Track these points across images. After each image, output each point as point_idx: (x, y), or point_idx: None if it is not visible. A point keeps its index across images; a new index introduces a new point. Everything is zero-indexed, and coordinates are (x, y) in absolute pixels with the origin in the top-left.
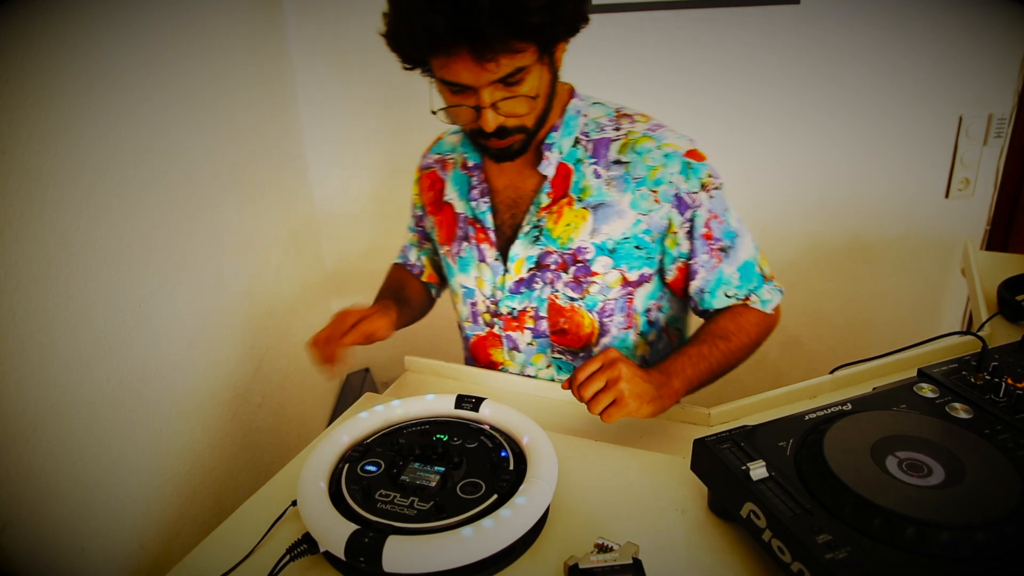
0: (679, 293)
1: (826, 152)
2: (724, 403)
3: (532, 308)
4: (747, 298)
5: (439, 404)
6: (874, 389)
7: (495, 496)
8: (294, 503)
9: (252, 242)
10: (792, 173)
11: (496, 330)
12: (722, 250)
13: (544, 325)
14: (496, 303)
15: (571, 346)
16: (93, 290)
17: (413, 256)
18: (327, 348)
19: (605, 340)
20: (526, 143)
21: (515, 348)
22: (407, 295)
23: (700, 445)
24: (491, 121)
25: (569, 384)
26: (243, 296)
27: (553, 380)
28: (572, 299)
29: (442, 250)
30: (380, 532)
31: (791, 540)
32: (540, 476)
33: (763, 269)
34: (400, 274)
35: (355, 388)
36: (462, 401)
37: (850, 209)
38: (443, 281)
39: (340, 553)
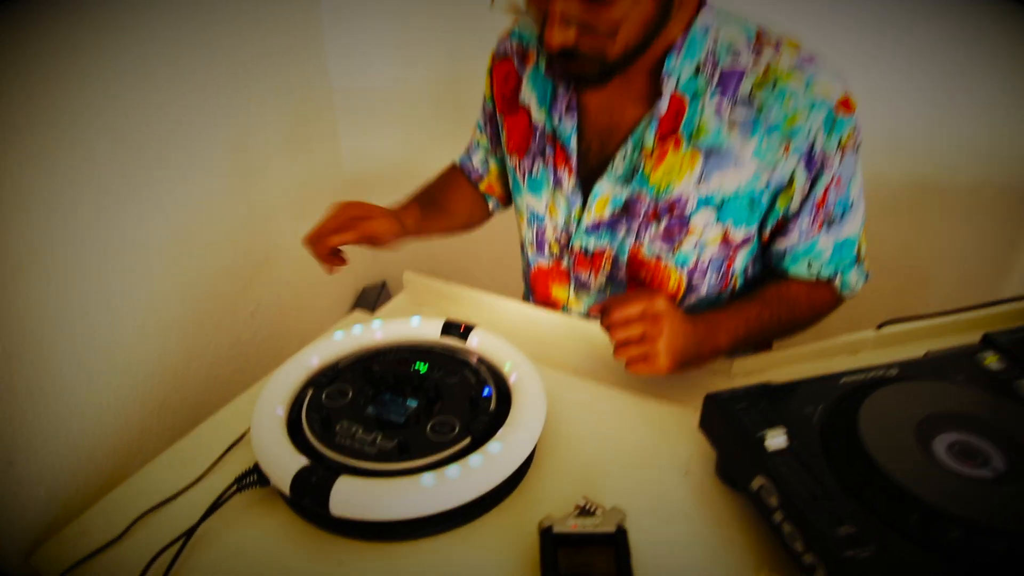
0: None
1: (899, 79)
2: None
3: (610, 252)
4: (831, 277)
5: (424, 329)
6: (927, 354)
7: (468, 439)
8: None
9: (252, 135)
10: (859, 101)
11: (564, 265)
12: (828, 221)
13: (622, 274)
14: (568, 236)
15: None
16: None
17: (477, 159)
18: (318, 245)
19: (692, 300)
20: (606, 72)
21: (584, 288)
22: (446, 200)
23: (711, 402)
24: (555, 36)
25: (600, 312)
26: (238, 197)
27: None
28: (659, 254)
29: (510, 160)
30: (331, 470)
31: (806, 527)
32: (521, 421)
33: (860, 248)
34: (451, 176)
35: (369, 303)
36: (450, 328)
37: (921, 147)
38: (508, 197)
39: (285, 489)
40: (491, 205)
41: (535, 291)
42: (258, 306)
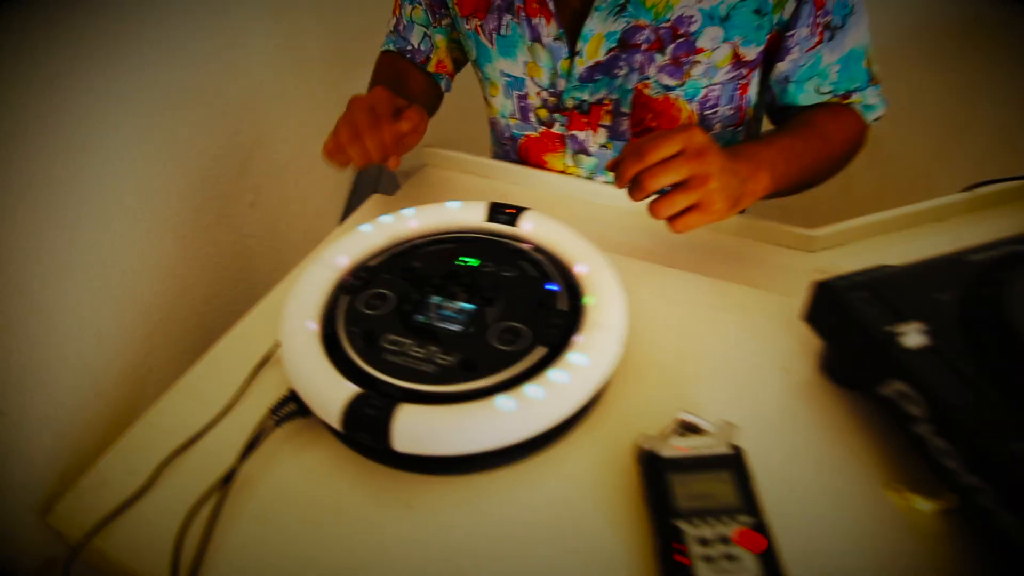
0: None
1: None
2: (823, 223)
3: (611, 101)
4: (846, 96)
5: (465, 214)
6: None
7: (542, 349)
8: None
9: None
10: None
11: (557, 129)
12: (828, 28)
13: (625, 124)
14: (558, 95)
15: None
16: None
17: (415, 38)
18: (339, 156)
19: None
20: None
21: (583, 151)
22: (409, 92)
23: (824, 291)
24: None
25: (618, 166)
26: (220, 73)
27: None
28: (668, 87)
29: (467, 25)
30: (388, 398)
31: (966, 443)
32: (601, 322)
33: (872, 66)
34: (395, 65)
35: (371, 181)
36: (497, 211)
37: None
38: (458, 69)
39: (335, 423)
40: (443, 86)
41: (526, 165)
42: (257, 194)
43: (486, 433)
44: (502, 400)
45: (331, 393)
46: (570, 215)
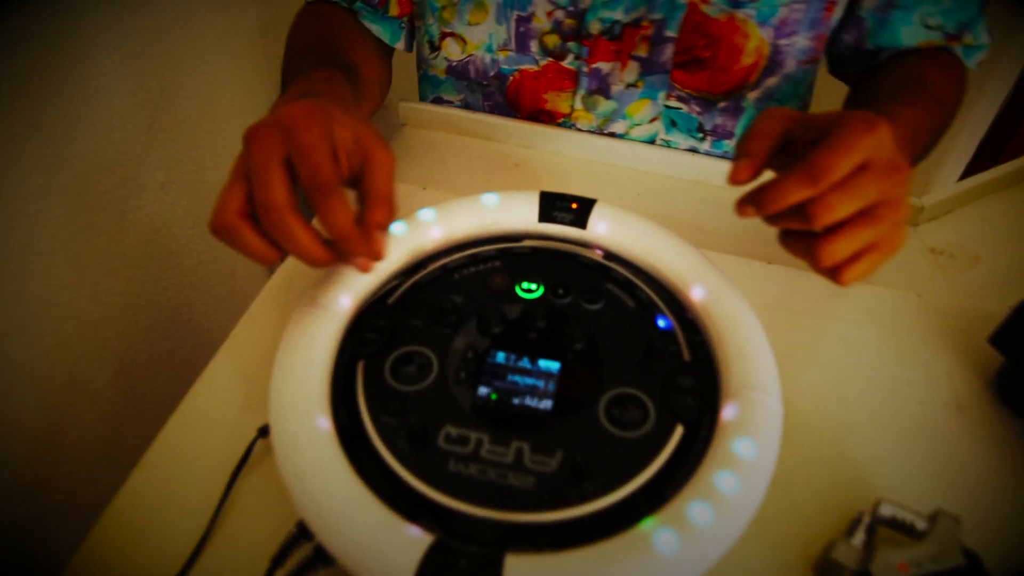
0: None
1: None
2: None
3: (652, 23)
4: (956, 36)
5: (507, 213)
6: None
7: (678, 428)
8: (263, 433)
9: None
10: None
11: (570, 62)
12: None
13: (667, 53)
14: (579, 15)
15: (710, 89)
16: None
17: None
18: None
19: (772, 82)
20: None
21: (601, 91)
22: (354, 59)
23: None
24: None
25: (754, 197)
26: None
27: (670, 146)
28: (735, 4)
29: None
30: (477, 543)
31: None
32: (755, 380)
33: None
34: (327, 33)
35: None
36: (553, 206)
37: None
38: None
39: None
40: (402, 44)
41: (516, 109)
42: (168, 172)
43: None
44: (662, 535)
45: (384, 547)
46: (639, 203)
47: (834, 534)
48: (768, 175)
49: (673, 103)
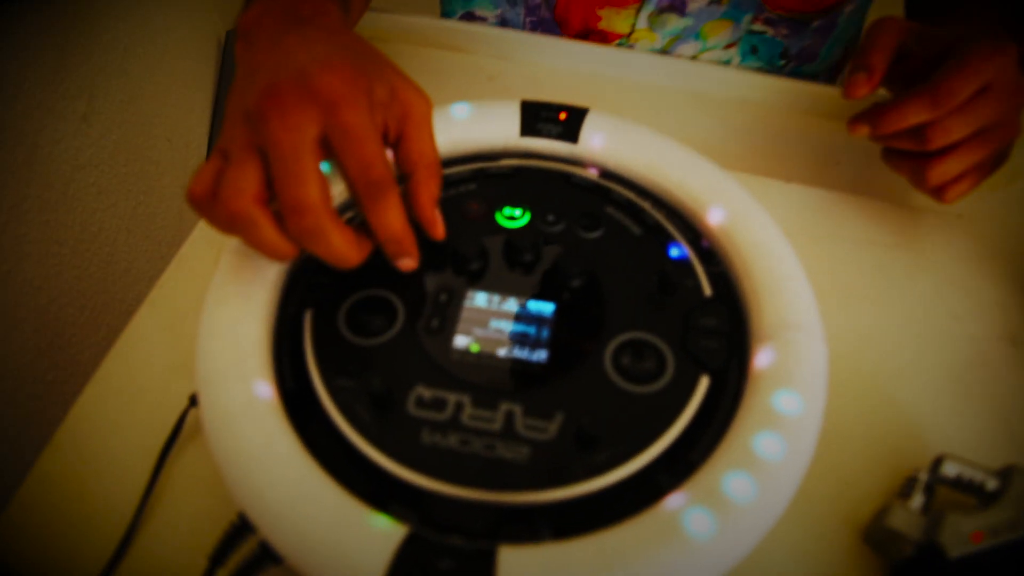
0: None
1: None
2: None
3: None
4: None
5: (482, 126)
6: None
7: (703, 378)
8: (196, 401)
9: None
10: None
11: None
12: None
13: None
14: None
15: (806, 7)
16: None
17: None
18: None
19: None
20: None
21: (675, 7)
22: None
23: None
24: None
25: (870, 116)
26: None
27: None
28: None
29: None
30: (464, 535)
31: None
32: (793, 318)
33: None
34: None
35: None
36: (537, 116)
37: None
38: None
39: None
40: None
41: (565, 26)
42: (92, 100)
43: None
44: (694, 514)
45: (345, 542)
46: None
47: (885, 497)
48: None
49: (758, 27)
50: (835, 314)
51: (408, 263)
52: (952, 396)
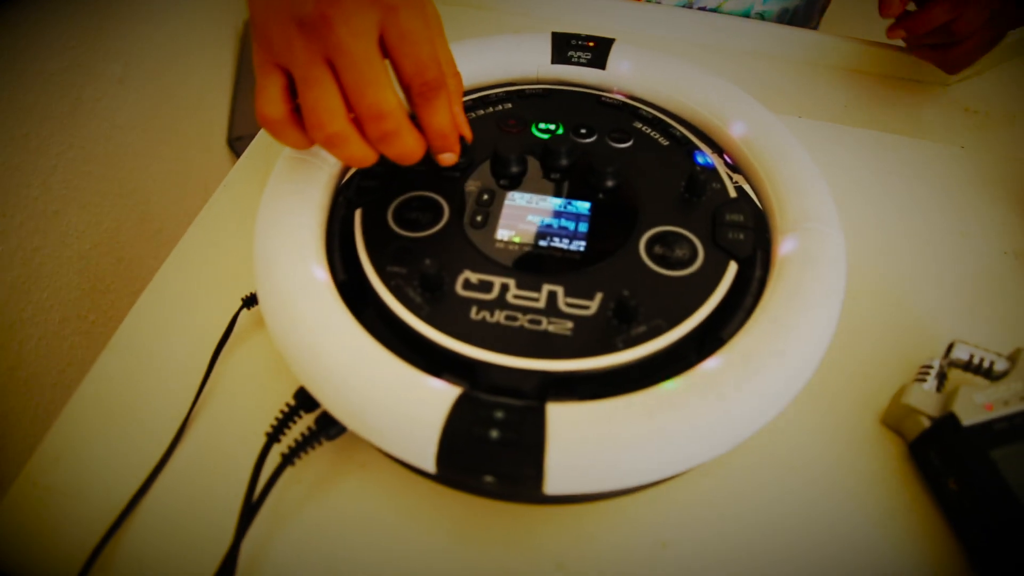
0: None
1: None
2: None
3: None
4: None
5: (515, 55)
6: None
7: (731, 264)
8: (248, 303)
9: None
10: None
11: None
12: None
13: None
14: None
15: None
16: None
17: None
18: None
19: None
20: None
21: None
22: None
23: None
24: None
25: (904, 23)
26: None
27: (764, 17)
28: None
29: None
30: (514, 394)
31: None
32: (813, 210)
33: None
34: None
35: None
36: (567, 46)
37: None
38: None
39: (430, 463)
40: None
41: None
42: (127, 65)
43: (707, 435)
44: (723, 379)
45: (404, 403)
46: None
47: (901, 385)
48: None
49: None
50: (851, 233)
51: (450, 158)
52: (962, 302)
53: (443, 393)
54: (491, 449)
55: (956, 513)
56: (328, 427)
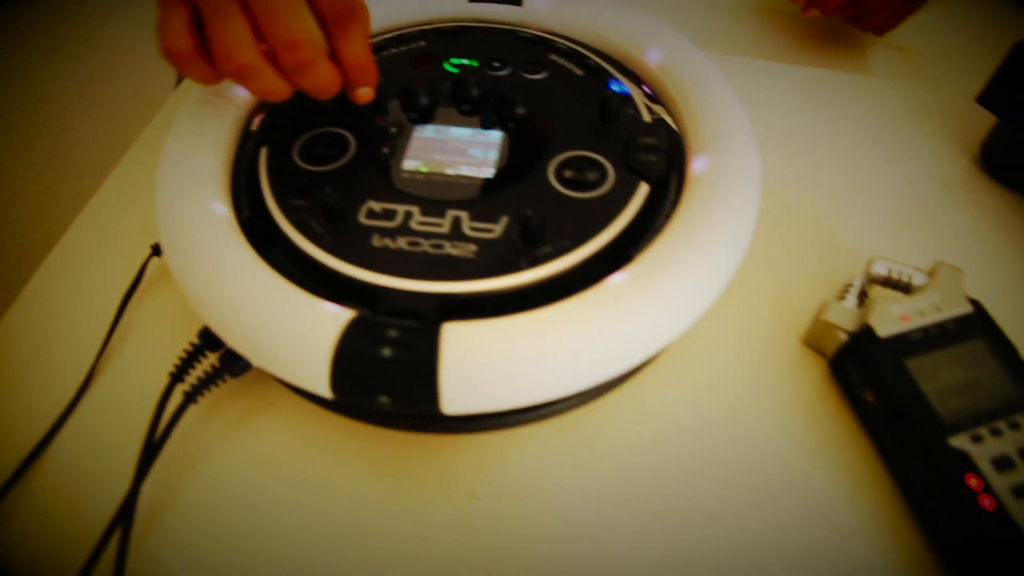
0: None
1: None
2: None
3: None
4: None
5: None
6: None
7: (643, 186)
8: (157, 250)
9: None
10: None
11: None
12: None
13: None
14: None
15: None
16: None
17: None
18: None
19: None
20: None
21: None
22: None
23: None
24: None
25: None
26: None
27: None
28: None
29: None
30: (410, 316)
31: None
32: (727, 130)
33: None
34: None
35: None
36: None
37: None
38: None
39: (324, 387)
40: None
41: None
42: (54, 36)
43: (605, 349)
44: (629, 292)
45: (298, 325)
46: None
47: (822, 302)
48: None
49: None
50: (776, 163)
51: (367, 93)
52: (887, 225)
53: (336, 316)
54: (384, 369)
55: (874, 424)
56: (231, 363)
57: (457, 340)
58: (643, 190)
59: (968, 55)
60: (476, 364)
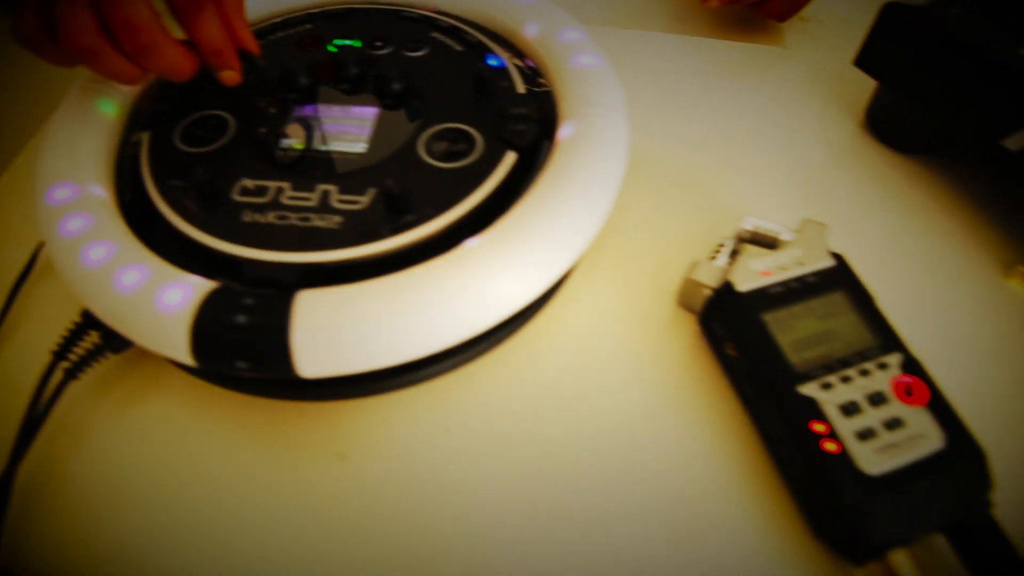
0: None
1: None
2: None
3: None
4: None
5: None
6: None
7: (511, 155)
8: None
9: None
10: None
11: None
12: None
13: None
14: None
15: None
16: None
17: None
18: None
19: None
20: None
21: None
22: None
23: (899, 13)
24: None
25: None
26: None
27: None
28: None
29: None
30: (268, 285)
31: None
32: (597, 97)
33: None
34: None
35: None
36: None
37: None
38: None
39: (184, 355)
40: None
41: None
42: None
43: (456, 309)
44: (485, 254)
45: (161, 301)
46: None
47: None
48: None
49: None
50: (656, 127)
51: (231, 76)
52: (766, 185)
53: (198, 287)
54: (239, 335)
55: (737, 377)
56: (111, 340)
57: (309, 305)
58: (510, 158)
59: (866, 23)
60: (326, 327)
